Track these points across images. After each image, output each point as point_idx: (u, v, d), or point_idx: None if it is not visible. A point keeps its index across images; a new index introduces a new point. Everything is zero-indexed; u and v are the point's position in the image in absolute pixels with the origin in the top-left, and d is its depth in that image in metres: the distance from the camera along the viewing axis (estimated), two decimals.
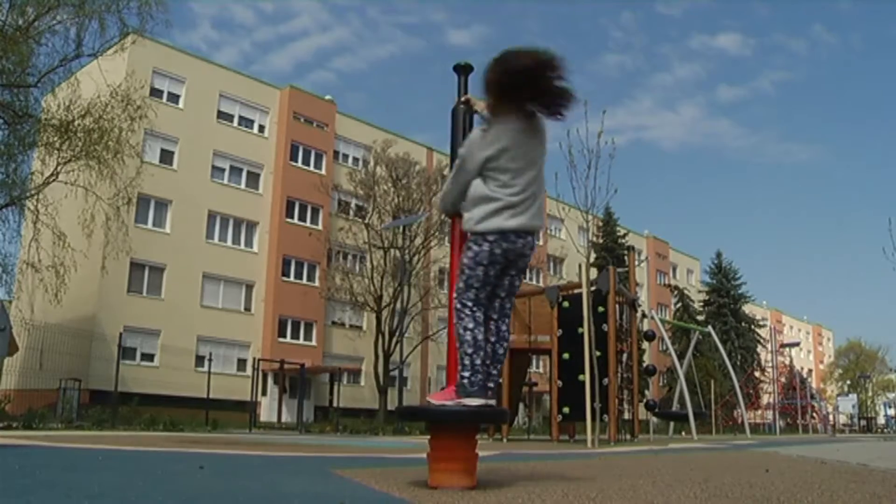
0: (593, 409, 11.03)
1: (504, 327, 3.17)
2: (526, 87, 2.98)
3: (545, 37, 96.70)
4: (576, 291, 13.99)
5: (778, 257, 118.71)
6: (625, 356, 14.62)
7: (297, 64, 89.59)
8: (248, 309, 29.85)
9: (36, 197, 19.22)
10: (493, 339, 3.10)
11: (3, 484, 2.73)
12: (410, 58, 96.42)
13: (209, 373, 20.27)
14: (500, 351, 3.13)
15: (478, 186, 3.06)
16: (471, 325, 3.01)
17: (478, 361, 2.98)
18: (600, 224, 37.76)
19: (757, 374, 44.17)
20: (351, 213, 31.94)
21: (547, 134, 3.20)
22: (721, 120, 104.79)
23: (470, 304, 3.04)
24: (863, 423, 52.63)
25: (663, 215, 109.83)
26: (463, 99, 3.42)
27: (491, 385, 3.04)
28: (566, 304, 13.85)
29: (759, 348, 48.52)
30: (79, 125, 18.51)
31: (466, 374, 2.98)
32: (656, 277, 52.53)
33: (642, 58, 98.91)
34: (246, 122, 31.13)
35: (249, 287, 30.05)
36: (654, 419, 22.53)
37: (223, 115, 30.28)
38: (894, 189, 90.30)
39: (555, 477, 3.83)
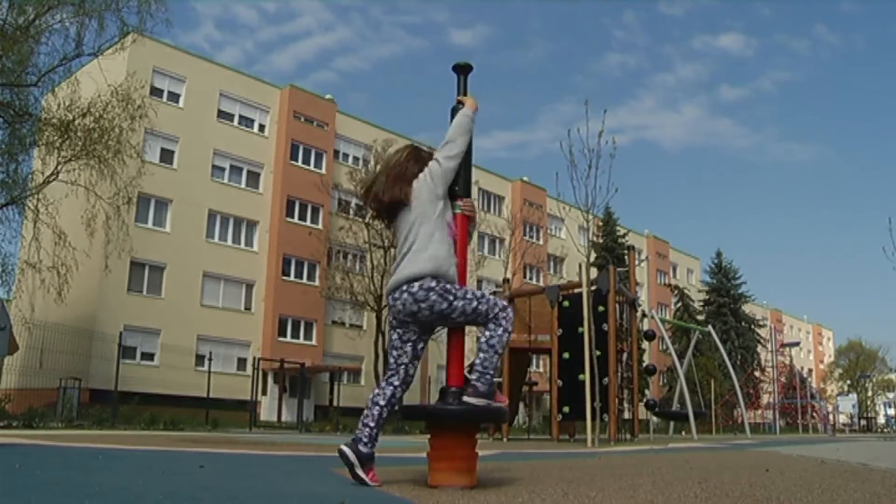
0: (593, 409, 11.02)
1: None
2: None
3: (547, 36, 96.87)
4: (576, 291, 13.98)
5: (778, 257, 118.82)
6: (625, 356, 14.60)
7: (299, 64, 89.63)
8: (248, 308, 29.86)
9: (36, 196, 19.23)
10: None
11: (3, 483, 2.73)
12: (412, 57, 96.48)
13: (209, 372, 20.29)
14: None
15: None
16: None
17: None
18: (600, 224, 37.73)
19: (757, 373, 44.12)
20: (351, 212, 31.90)
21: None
22: (722, 120, 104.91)
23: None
24: (863, 422, 52.63)
25: (663, 215, 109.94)
26: (460, 98, 3.43)
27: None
28: (566, 303, 13.84)
29: (759, 348, 48.49)
30: (79, 124, 18.52)
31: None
32: (656, 277, 52.53)
33: (644, 57, 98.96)
34: (246, 122, 31.12)
35: (249, 286, 30.05)
36: (654, 419, 22.53)
37: (223, 115, 30.27)
38: (894, 189, 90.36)
39: (555, 477, 3.83)
